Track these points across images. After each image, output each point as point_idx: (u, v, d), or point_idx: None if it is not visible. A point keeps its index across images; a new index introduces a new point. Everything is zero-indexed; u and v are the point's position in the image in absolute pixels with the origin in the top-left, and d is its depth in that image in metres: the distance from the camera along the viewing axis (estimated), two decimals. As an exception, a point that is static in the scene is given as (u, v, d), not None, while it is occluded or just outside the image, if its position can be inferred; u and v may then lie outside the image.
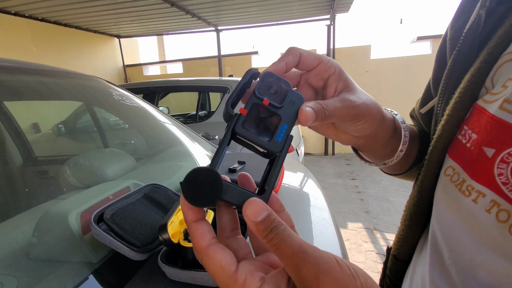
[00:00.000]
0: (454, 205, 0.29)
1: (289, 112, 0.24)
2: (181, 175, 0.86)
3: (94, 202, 0.50)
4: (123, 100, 1.23)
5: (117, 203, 0.47)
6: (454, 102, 0.31)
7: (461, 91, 0.30)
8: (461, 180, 0.29)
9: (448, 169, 0.31)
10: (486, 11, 0.30)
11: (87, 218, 0.48)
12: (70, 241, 0.44)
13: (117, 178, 0.89)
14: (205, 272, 0.39)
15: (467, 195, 0.28)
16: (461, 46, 0.32)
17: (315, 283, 0.17)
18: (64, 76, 1.12)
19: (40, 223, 0.48)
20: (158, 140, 1.28)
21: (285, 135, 0.23)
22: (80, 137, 1.72)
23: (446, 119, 0.32)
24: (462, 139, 0.30)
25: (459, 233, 0.28)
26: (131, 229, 0.44)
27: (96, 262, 0.43)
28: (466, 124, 0.30)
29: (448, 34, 0.37)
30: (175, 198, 0.57)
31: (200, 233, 0.20)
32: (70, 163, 0.97)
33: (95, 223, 0.42)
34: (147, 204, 0.51)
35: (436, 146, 0.33)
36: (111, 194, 0.54)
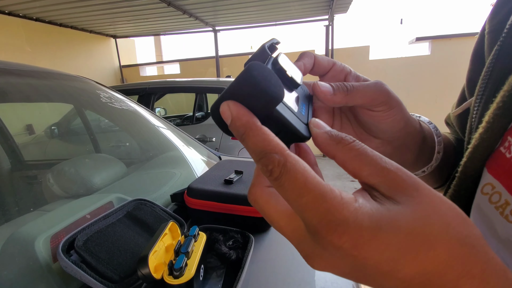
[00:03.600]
0: (494, 230, 0.25)
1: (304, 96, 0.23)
2: (173, 185, 0.80)
3: (68, 222, 0.43)
4: (113, 102, 1.16)
5: (93, 225, 0.41)
6: (496, 107, 0.26)
7: (505, 94, 0.25)
8: (503, 202, 0.25)
9: (487, 186, 0.27)
10: None
11: (58, 242, 0.41)
12: (37, 273, 0.38)
13: (105, 186, 0.82)
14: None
15: (511, 220, 0.24)
16: (504, 41, 0.27)
17: (414, 185, 0.15)
18: (50, 77, 1.05)
19: (5, 248, 0.41)
20: (150, 144, 1.21)
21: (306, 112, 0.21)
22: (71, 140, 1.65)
23: (485, 127, 0.27)
24: (506, 153, 0.25)
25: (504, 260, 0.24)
26: (108, 258, 0.37)
27: (65, 299, 0.36)
28: (511, 135, 0.25)
29: (486, 28, 0.32)
30: (163, 216, 0.51)
31: (274, 136, 0.16)
32: (54, 170, 0.90)
33: (63, 253, 0.35)
34: (129, 225, 0.45)
35: (472, 158, 0.28)
36: (88, 213, 0.48)
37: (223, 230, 0.49)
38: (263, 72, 0.16)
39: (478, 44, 0.33)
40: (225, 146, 2.55)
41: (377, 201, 0.16)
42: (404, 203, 0.15)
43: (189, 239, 0.38)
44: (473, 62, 0.34)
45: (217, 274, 0.42)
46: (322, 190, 0.15)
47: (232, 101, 0.17)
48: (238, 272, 0.40)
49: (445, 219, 0.15)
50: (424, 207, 0.15)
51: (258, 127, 0.17)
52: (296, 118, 0.19)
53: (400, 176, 0.16)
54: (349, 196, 0.15)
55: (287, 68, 0.21)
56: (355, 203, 0.15)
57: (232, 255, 0.43)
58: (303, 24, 5.30)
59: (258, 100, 0.16)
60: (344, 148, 0.17)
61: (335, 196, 0.15)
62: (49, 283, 0.38)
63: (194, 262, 0.36)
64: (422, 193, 0.15)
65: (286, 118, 0.18)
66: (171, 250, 0.38)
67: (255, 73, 0.16)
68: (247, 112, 0.17)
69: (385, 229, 0.14)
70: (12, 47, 4.49)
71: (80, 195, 0.80)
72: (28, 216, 0.64)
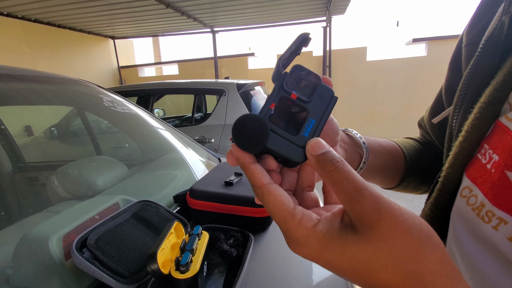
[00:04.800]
0: (472, 231, 0.28)
1: (318, 106, 0.23)
2: (174, 187, 0.83)
3: (78, 223, 0.46)
4: (114, 105, 1.19)
5: (103, 225, 0.44)
6: (474, 118, 0.29)
7: (482, 106, 0.28)
8: (479, 204, 0.27)
9: (465, 189, 0.29)
10: (510, 18, 0.28)
11: (69, 241, 0.44)
12: (51, 269, 0.40)
13: (108, 188, 0.85)
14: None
15: (486, 221, 0.26)
16: (481, 55, 0.30)
17: (376, 216, 0.17)
18: (54, 82, 1.08)
19: (19, 247, 0.44)
20: (151, 146, 1.23)
21: (312, 130, 0.23)
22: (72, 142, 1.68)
23: (464, 136, 0.29)
24: (482, 159, 0.28)
25: (480, 258, 0.27)
26: (118, 256, 0.40)
27: (79, 294, 0.39)
28: (487, 143, 0.28)
29: (464, 40, 0.35)
30: (167, 217, 0.53)
31: (260, 171, 0.21)
32: (59, 172, 0.93)
33: (77, 251, 0.38)
34: (136, 225, 0.47)
35: (453, 164, 0.30)
36: (97, 213, 0.51)
37: (224, 229, 0.52)
38: (250, 123, 0.21)
39: (455, 54, 0.36)
40: (224, 147, 2.58)
41: (341, 224, 0.20)
42: (361, 234, 0.18)
43: (193, 237, 0.41)
44: (451, 70, 0.37)
45: (219, 270, 0.45)
46: (285, 215, 0.20)
47: (234, 145, 0.22)
48: (239, 268, 0.42)
49: (395, 253, 0.17)
50: (377, 239, 0.17)
51: (248, 167, 0.22)
52: (290, 145, 0.22)
53: (365, 209, 0.18)
54: (310, 219, 0.20)
55: (296, 87, 0.23)
56: (312, 227, 0.19)
57: (233, 252, 0.46)
58: (301, 25, 5.33)
59: (248, 144, 0.21)
60: (326, 174, 0.20)
61: (294, 220, 0.20)
62: (63, 279, 0.41)
63: (198, 258, 0.38)
64: (382, 227, 0.17)
65: (276, 151, 0.22)
66: (176, 248, 0.41)
67: (241, 126, 0.21)
68: (243, 155, 0.22)
69: (330, 251, 0.19)
70: (10, 48, 4.50)
71: (83, 196, 0.83)
72: (35, 217, 0.66)
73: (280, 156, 0.22)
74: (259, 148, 0.21)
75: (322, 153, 0.20)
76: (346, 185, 0.19)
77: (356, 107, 5.07)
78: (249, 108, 2.67)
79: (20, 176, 1.21)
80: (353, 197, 0.18)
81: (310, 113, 0.23)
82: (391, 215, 0.17)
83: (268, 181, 0.21)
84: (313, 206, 0.24)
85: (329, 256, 0.19)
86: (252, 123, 0.21)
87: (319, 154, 0.20)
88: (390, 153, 0.43)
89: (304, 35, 0.24)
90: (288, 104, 0.23)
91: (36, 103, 1.12)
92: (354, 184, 0.18)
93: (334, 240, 0.19)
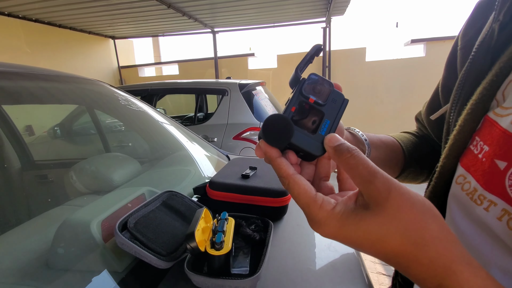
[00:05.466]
0: (466, 213, 0.31)
1: (332, 109, 0.27)
2: (190, 180, 0.87)
3: (113, 210, 0.50)
4: (126, 104, 1.23)
5: (138, 211, 0.48)
6: (466, 113, 0.32)
7: (473, 103, 0.32)
8: (472, 189, 0.30)
9: (460, 177, 0.32)
10: (499, 25, 0.31)
11: (107, 226, 0.48)
12: (93, 250, 0.44)
13: (123, 183, 0.88)
14: (233, 279, 0.39)
15: (479, 204, 0.29)
16: (474, 58, 0.33)
17: (386, 194, 0.21)
18: (67, 81, 1.11)
19: (60, 231, 0.48)
20: (162, 144, 1.27)
21: (328, 129, 0.27)
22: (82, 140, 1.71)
23: (458, 130, 0.33)
24: (474, 150, 0.31)
25: (474, 236, 0.30)
26: (155, 238, 0.44)
27: (121, 271, 0.43)
28: (478, 135, 0.31)
29: (459, 43, 0.38)
30: (192, 205, 0.58)
31: (285, 164, 0.25)
32: (76, 168, 0.96)
33: (119, 232, 0.42)
34: (166, 212, 0.52)
35: (449, 155, 0.34)
36: (128, 202, 0.54)
37: (245, 217, 0.56)
38: (277, 122, 0.25)
39: (451, 55, 0.40)
40: (226, 146, 2.62)
41: (356, 204, 0.23)
42: (374, 210, 0.21)
43: (223, 221, 0.45)
44: (447, 70, 0.40)
45: (244, 252, 0.49)
46: (308, 201, 0.24)
47: (262, 141, 0.26)
48: (262, 250, 0.47)
49: (403, 224, 0.20)
50: (387, 214, 0.21)
51: (275, 160, 0.25)
52: (310, 141, 0.26)
53: (378, 188, 0.21)
54: (329, 203, 0.23)
55: (312, 93, 0.27)
56: (331, 209, 0.23)
57: (256, 236, 0.50)
58: (301, 26, 5.37)
59: (275, 140, 0.25)
60: (343, 161, 0.23)
61: (316, 205, 0.23)
62: (105, 258, 0.45)
63: (229, 239, 0.43)
64: (391, 203, 0.21)
65: (299, 146, 0.26)
66: (206, 231, 0.45)
67: (270, 124, 0.25)
68: (270, 149, 0.26)
69: (348, 229, 0.22)
70: (11, 48, 4.50)
71: (101, 191, 0.86)
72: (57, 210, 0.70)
73: (303, 151, 0.26)
74: (285, 143, 0.25)
75: (339, 144, 0.24)
76: (361, 170, 0.22)
77: (356, 107, 5.11)
78: (251, 108, 2.71)
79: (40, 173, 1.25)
80: (367, 179, 0.21)
81: (326, 115, 0.27)
82: (400, 193, 0.21)
83: (293, 172, 0.25)
84: (330, 193, 0.28)
85: (347, 232, 0.22)
86: (279, 122, 0.25)
87: (336, 145, 0.24)
88: (389, 147, 0.47)
89: (318, 46, 0.28)
90: (306, 107, 0.27)
91: (50, 101, 1.15)
92: (368, 168, 0.22)
93: (350, 218, 0.22)
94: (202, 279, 0.39)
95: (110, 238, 0.46)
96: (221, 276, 0.40)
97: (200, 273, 0.40)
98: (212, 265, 0.41)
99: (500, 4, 0.31)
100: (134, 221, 0.45)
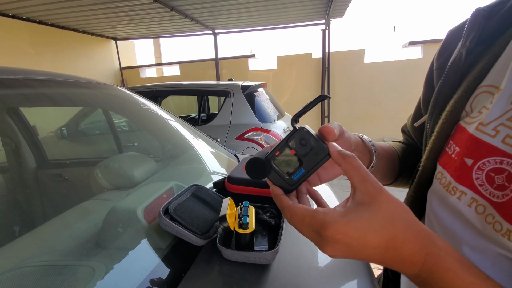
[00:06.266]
0: (444, 202, 0.37)
1: (311, 161, 0.32)
2: (207, 177, 0.96)
3: (153, 199, 0.59)
4: (141, 107, 1.32)
5: (174, 200, 0.57)
6: (442, 122, 0.39)
7: (447, 113, 0.38)
8: (447, 183, 0.36)
9: (438, 174, 0.39)
10: (466, 51, 0.38)
11: (149, 211, 0.57)
12: (140, 231, 0.53)
13: (143, 180, 0.98)
14: (257, 252, 0.49)
15: (452, 194, 0.34)
16: (446, 77, 0.40)
17: (379, 190, 0.27)
18: (86, 86, 1.20)
19: (110, 217, 0.57)
20: (175, 144, 1.36)
21: (299, 178, 0.33)
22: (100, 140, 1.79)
23: (436, 135, 0.39)
24: (449, 151, 0.38)
25: (449, 221, 0.36)
26: (191, 221, 0.54)
27: (164, 248, 0.52)
28: (452, 139, 0.38)
29: (434, 65, 0.46)
30: (216, 197, 0.67)
31: (286, 199, 0.32)
32: (101, 166, 1.06)
33: (163, 215, 0.51)
34: (196, 202, 0.61)
35: (429, 156, 0.41)
36: (163, 193, 0.64)
37: (261, 206, 0.66)
38: (257, 162, 0.33)
39: (428, 74, 0.47)
40: (230, 146, 2.71)
41: (353, 202, 0.28)
42: (370, 203, 0.27)
43: (246, 208, 0.55)
44: (426, 86, 0.47)
45: (262, 234, 0.58)
46: (311, 214, 0.28)
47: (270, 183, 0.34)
48: (277, 233, 0.56)
49: (393, 213, 0.27)
50: (381, 206, 0.27)
51: (278, 196, 0.32)
52: (283, 182, 0.33)
53: (373, 186, 0.27)
54: (330, 209, 0.28)
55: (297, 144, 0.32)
56: (333, 211, 0.28)
57: (272, 221, 0.60)
58: (300, 28, 5.45)
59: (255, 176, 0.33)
60: (347, 162, 0.29)
61: (319, 213, 0.28)
62: (150, 237, 0.54)
63: (252, 222, 0.52)
64: (382, 198, 0.27)
65: (274, 183, 0.33)
66: (232, 216, 0.55)
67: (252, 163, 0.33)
68: (275, 188, 0.33)
69: (353, 220, 0.26)
70: (15, 49, 4.56)
71: (123, 187, 0.96)
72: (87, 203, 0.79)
73: (277, 186, 0.33)
74: (261, 178, 0.33)
75: (341, 150, 0.31)
76: (362, 170, 0.28)
77: (354, 108, 5.20)
78: (253, 109, 2.80)
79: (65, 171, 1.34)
80: (366, 178, 0.28)
81: (303, 165, 0.32)
82: (385, 190, 0.28)
83: (291, 203, 0.31)
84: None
85: (353, 224, 0.26)
86: (258, 163, 0.33)
87: (339, 150, 0.30)
88: (390, 156, 0.51)
89: (323, 97, 0.34)
90: (288, 154, 0.33)
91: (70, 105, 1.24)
92: (365, 170, 0.28)
93: (352, 213, 0.27)
94: (232, 252, 0.49)
95: (151, 222, 0.56)
96: (247, 250, 0.49)
97: (230, 248, 0.49)
98: (240, 242, 0.50)
99: (467, 33, 0.37)
100: (173, 207, 0.54)
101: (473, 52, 0.37)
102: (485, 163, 0.31)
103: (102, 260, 0.49)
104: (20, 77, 0.80)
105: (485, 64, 0.35)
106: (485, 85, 0.35)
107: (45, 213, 0.82)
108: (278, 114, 3.08)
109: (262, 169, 0.33)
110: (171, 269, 0.50)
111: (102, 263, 0.48)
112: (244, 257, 0.49)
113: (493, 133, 0.31)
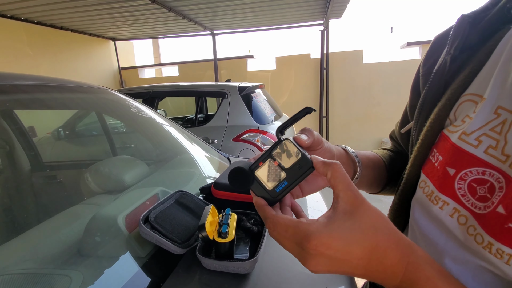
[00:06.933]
0: (426, 211, 0.36)
1: (294, 173, 0.32)
2: (195, 182, 0.96)
3: (135, 206, 0.59)
4: (134, 110, 1.32)
5: (156, 207, 0.57)
6: (426, 130, 0.38)
7: (431, 121, 0.37)
8: (430, 192, 0.35)
9: (422, 182, 0.38)
10: (450, 58, 0.37)
11: (130, 219, 0.57)
12: (120, 239, 0.53)
13: (133, 184, 0.97)
14: (236, 262, 0.49)
15: (435, 203, 0.34)
16: (431, 84, 0.39)
17: (361, 199, 0.27)
18: (79, 90, 1.20)
19: (90, 225, 0.57)
20: (167, 147, 1.36)
21: (282, 190, 0.32)
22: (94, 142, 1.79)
23: (420, 143, 0.39)
24: (432, 159, 0.37)
25: (431, 231, 0.35)
26: (171, 229, 0.54)
27: (144, 257, 0.52)
28: (435, 148, 0.37)
29: (420, 71, 0.45)
30: (200, 203, 0.67)
31: (269, 210, 0.31)
32: (91, 170, 1.05)
33: (143, 224, 0.51)
34: (179, 209, 0.61)
35: (413, 164, 0.40)
36: (146, 200, 0.64)
37: (245, 213, 0.66)
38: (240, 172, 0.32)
39: (415, 80, 0.46)
40: (226, 147, 2.71)
41: (335, 212, 0.27)
42: (351, 212, 0.27)
43: (227, 215, 0.54)
44: (412, 93, 0.47)
45: (244, 242, 0.58)
46: (295, 224, 0.28)
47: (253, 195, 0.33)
48: (259, 240, 0.56)
49: (374, 222, 0.27)
50: (362, 214, 0.27)
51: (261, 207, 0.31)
52: (265, 193, 0.32)
53: (355, 195, 0.27)
54: (313, 220, 0.28)
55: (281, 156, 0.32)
56: (317, 221, 0.27)
57: (254, 229, 0.60)
58: (299, 28, 5.44)
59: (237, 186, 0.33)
60: (332, 169, 0.29)
61: (303, 223, 0.28)
62: (130, 246, 0.54)
63: (232, 230, 0.52)
64: (363, 208, 0.27)
65: (256, 193, 0.33)
66: (213, 224, 0.55)
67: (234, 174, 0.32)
68: (258, 199, 0.32)
69: (335, 230, 0.26)
70: (14, 50, 4.56)
71: (113, 191, 0.95)
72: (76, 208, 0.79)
73: (259, 196, 0.33)
74: (244, 189, 0.33)
75: (324, 160, 0.31)
76: (346, 178, 0.28)
77: (353, 109, 5.19)
78: (250, 110, 2.79)
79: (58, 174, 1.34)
80: (349, 187, 0.28)
81: (286, 177, 0.32)
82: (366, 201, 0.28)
83: (274, 213, 0.30)
84: None
85: (337, 233, 0.26)
86: (241, 173, 0.32)
87: (323, 160, 0.30)
88: (376, 165, 0.50)
89: (307, 110, 0.33)
90: (272, 165, 0.32)
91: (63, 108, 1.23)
92: (348, 179, 0.29)
93: (335, 222, 0.27)
94: (211, 261, 0.49)
95: (133, 230, 0.56)
96: (226, 259, 0.49)
97: (209, 257, 0.49)
98: (219, 251, 0.50)
99: (452, 39, 0.37)
100: (154, 215, 0.54)
101: (457, 59, 0.37)
102: (467, 173, 0.31)
103: (80, 269, 0.49)
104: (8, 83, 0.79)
105: (469, 72, 0.35)
106: (469, 93, 0.34)
107: (34, 218, 0.82)
108: (275, 115, 3.08)
109: (245, 180, 0.32)
110: (151, 278, 0.50)
111: (80, 272, 0.47)
112: (222, 266, 0.49)
113: (475, 143, 0.31)
